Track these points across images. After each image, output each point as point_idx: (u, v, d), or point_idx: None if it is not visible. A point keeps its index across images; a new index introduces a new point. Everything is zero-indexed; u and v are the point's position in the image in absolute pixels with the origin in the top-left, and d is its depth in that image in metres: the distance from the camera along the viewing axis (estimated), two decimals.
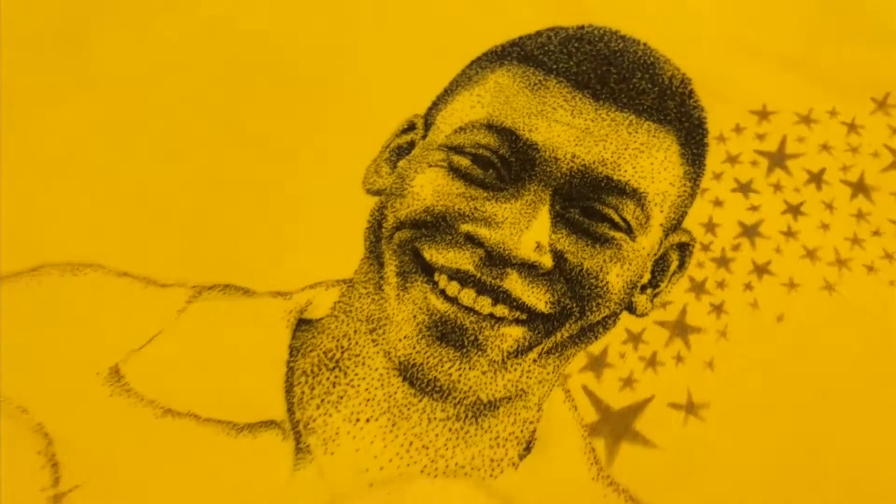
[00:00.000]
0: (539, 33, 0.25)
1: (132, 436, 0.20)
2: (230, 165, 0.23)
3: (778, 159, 0.24)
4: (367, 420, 0.21)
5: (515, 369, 0.21)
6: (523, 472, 0.20)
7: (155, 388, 0.21)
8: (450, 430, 0.21)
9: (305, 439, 0.21)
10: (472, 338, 0.22)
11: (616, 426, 0.20)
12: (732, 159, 0.24)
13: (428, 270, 0.22)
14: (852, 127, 0.24)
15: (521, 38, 0.25)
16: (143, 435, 0.20)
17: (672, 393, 0.21)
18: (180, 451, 0.20)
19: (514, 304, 0.21)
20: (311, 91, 0.24)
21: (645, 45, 0.24)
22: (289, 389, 0.21)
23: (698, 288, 0.22)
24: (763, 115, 0.24)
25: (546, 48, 0.25)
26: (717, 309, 0.22)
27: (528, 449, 0.21)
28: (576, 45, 0.24)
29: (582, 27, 0.25)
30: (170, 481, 0.20)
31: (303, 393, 0.21)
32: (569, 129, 0.23)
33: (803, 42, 0.25)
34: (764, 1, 0.26)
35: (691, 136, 0.24)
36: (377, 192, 0.24)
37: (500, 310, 0.21)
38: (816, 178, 0.24)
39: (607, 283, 0.22)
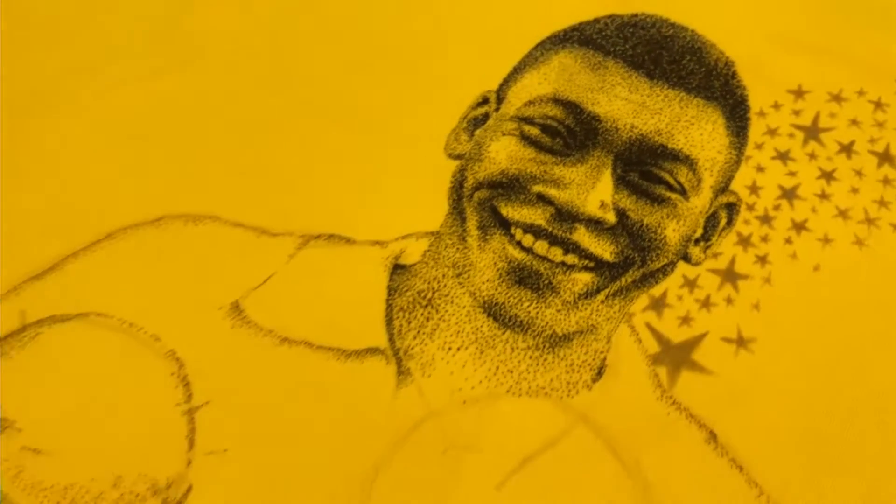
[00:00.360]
0: (597, 20, 0.28)
1: (254, 360, 0.23)
2: (334, 133, 0.26)
3: (812, 132, 0.27)
4: (458, 349, 0.24)
5: (586, 308, 0.24)
6: (596, 392, 0.23)
7: (272, 320, 0.24)
8: (531, 357, 0.24)
9: (406, 364, 0.24)
10: (547, 282, 0.25)
11: (676, 357, 0.23)
12: (772, 132, 0.27)
13: (505, 225, 0.25)
14: (878, 105, 0.27)
15: (580, 23, 0.28)
16: (263, 360, 0.23)
17: (724, 329, 0.24)
18: (296, 374, 0.23)
19: (583, 253, 0.24)
20: (403, 70, 0.27)
21: (693, 31, 0.27)
22: (388, 323, 0.24)
23: (745, 241, 0.25)
24: (798, 94, 0.28)
25: (604, 33, 0.28)
26: (762, 259, 0.25)
27: (599, 374, 0.24)
28: (630, 30, 0.28)
29: (636, 15, 0.28)
30: (287, 400, 0.23)
31: (401, 326, 0.24)
32: (627, 103, 0.26)
33: (834, 30, 0.28)
34: None
35: (735, 112, 0.27)
36: (457, 157, 0.27)
37: (571, 259, 0.24)
38: (847, 149, 0.27)
39: (665, 236, 0.25)
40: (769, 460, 0.22)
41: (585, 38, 0.28)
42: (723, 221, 0.26)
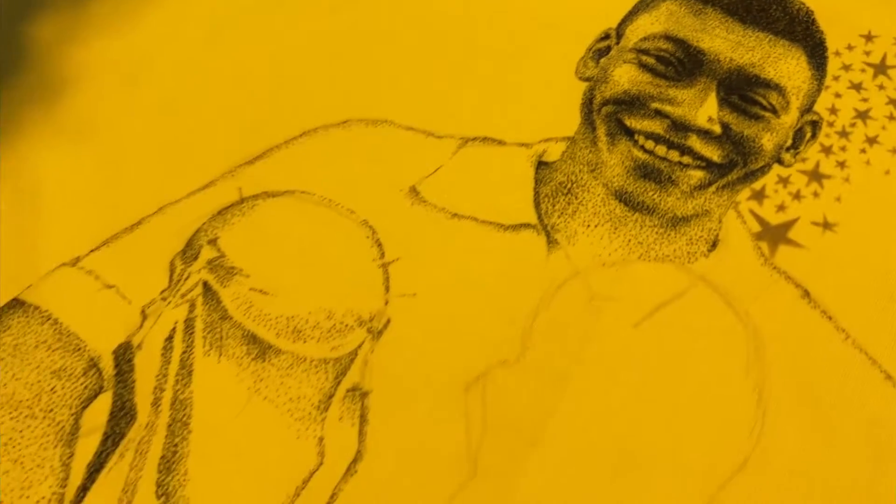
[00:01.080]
0: None
1: (430, 230, 0.29)
2: (488, 56, 0.32)
3: (881, 68, 0.32)
4: (596, 226, 0.29)
5: (700, 197, 0.30)
6: (711, 260, 0.28)
7: (443, 201, 0.30)
8: (656, 233, 0.29)
9: (553, 236, 0.29)
10: (667, 176, 0.30)
11: (774, 234, 0.29)
12: (846, 67, 0.33)
13: (629, 132, 0.31)
14: None
15: None
16: (438, 229, 0.29)
17: (812, 216, 0.29)
18: (465, 241, 0.28)
19: (696, 156, 0.30)
20: (542, 9, 0.33)
21: None
22: (536, 206, 0.30)
23: (826, 150, 0.31)
24: (868, 38, 0.33)
25: None
26: (841, 164, 0.30)
27: (713, 246, 0.29)
28: None
29: None
30: (458, 260, 0.28)
31: (547, 208, 0.30)
32: (725, 41, 0.32)
33: None
34: None
35: (815, 51, 0.33)
36: (587, 80, 0.33)
37: (686, 159, 0.30)
38: None
39: (761, 145, 0.31)
40: (853, 311, 0.27)
41: None
42: (808, 135, 0.32)
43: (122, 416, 0.26)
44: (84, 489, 0.24)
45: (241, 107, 0.31)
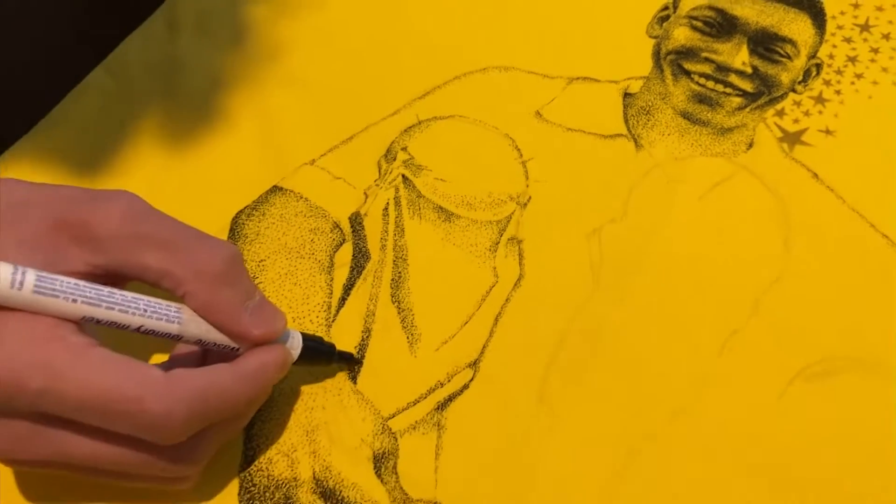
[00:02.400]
0: None
1: (552, 140, 0.41)
2: (585, 12, 0.45)
3: (865, 27, 0.44)
4: (669, 134, 0.41)
5: (739, 115, 0.42)
6: (749, 155, 0.40)
7: (560, 120, 0.42)
8: (711, 138, 0.41)
9: (640, 141, 0.41)
10: (716, 101, 0.42)
11: (792, 138, 0.41)
12: (840, 27, 0.45)
13: (687, 73, 0.43)
14: None
15: None
16: (557, 139, 0.41)
17: (818, 125, 0.41)
18: (578, 147, 0.41)
19: (735, 88, 0.42)
20: None
21: None
22: (626, 122, 0.42)
23: (827, 83, 0.43)
24: (856, 6, 0.45)
25: None
26: (838, 92, 0.42)
27: (750, 146, 0.41)
28: None
29: None
30: (574, 160, 0.41)
31: (633, 123, 0.42)
32: (752, 9, 0.44)
33: None
34: None
35: (817, 16, 0.45)
36: (655, 37, 0.45)
37: (728, 90, 0.42)
38: (886, 36, 0.44)
39: (781, 79, 0.43)
40: (848, 187, 0.39)
41: None
42: (813, 73, 0.44)
43: (360, 256, 0.38)
44: (342, 300, 0.37)
45: (413, 58, 0.44)
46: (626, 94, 0.42)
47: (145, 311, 0.28)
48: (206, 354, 0.31)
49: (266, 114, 0.41)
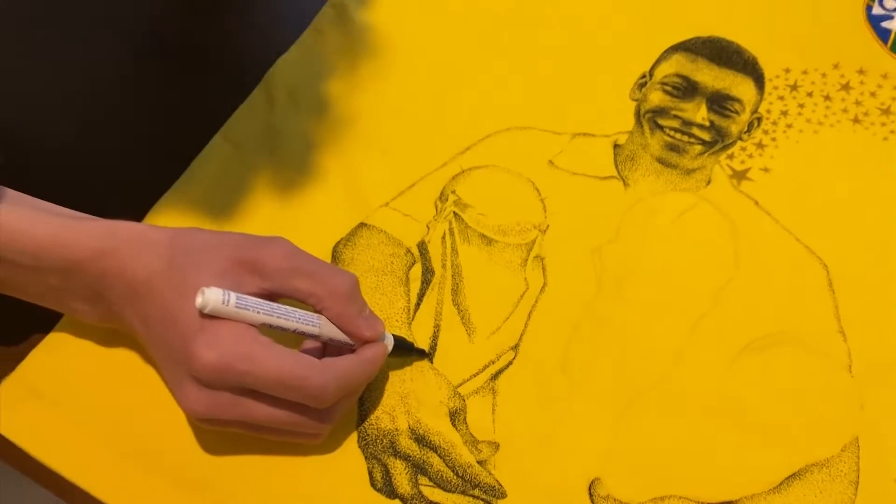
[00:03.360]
0: (694, 38, 0.61)
1: (562, 182, 0.55)
2: (581, 71, 0.59)
3: (794, 87, 0.59)
4: (648, 175, 0.54)
5: (700, 159, 0.55)
6: (708, 189, 0.54)
7: (567, 166, 0.56)
8: (680, 177, 0.55)
9: (626, 181, 0.56)
10: (682, 149, 0.56)
11: (739, 175, 0.55)
12: (775, 88, 0.60)
13: (661, 127, 0.57)
14: (824, 75, 0.60)
15: (685, 40, 0.61)
16: (566, 181, 0.55)
17: (759, 165, 0.55)
18: (581, 186, 0.55)
19: (697, 138, 0.57)
20: (602, 57, 0.60)
21: (737, 43, 0.60)
22: (616, 167, 0.56)
23: (766, 133, 0.58)
24: (787, 71, 0.60)
25: (696, 45, 0.61)
26: (774, 139, 0.57)
27: (708, 183, 0.55)
28: (708, 43, 0.61)
29: (711, 37, 0.61)
30: (579, 196, 0.55)
31: (621, 168, 0.56)
32: (709, 76, 0.58)
33: (793, 29, 0.61)
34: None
35: (758, 80, 0.58)
36: (636, 100, 0.59)
37: (692, 140, 0.57)
38: (810, 94, 0.59)
39: (731, 131, 0.57)
40: (780, 212, 0.54)
41: (687, 47, 0.61)
42: (755, 124, 0.58)
43: (428, 273, 0.52)
44: (417, 305, 0.51)
45: (457, 122, 0.58)
46: (616, 146, 0.56)
47: (298, 319, 0.42)
48: (325, 348, 0.45)
49: (349, 168, 0.55)
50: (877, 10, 0.62)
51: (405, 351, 0.46)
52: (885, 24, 0.61)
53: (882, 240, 0.51)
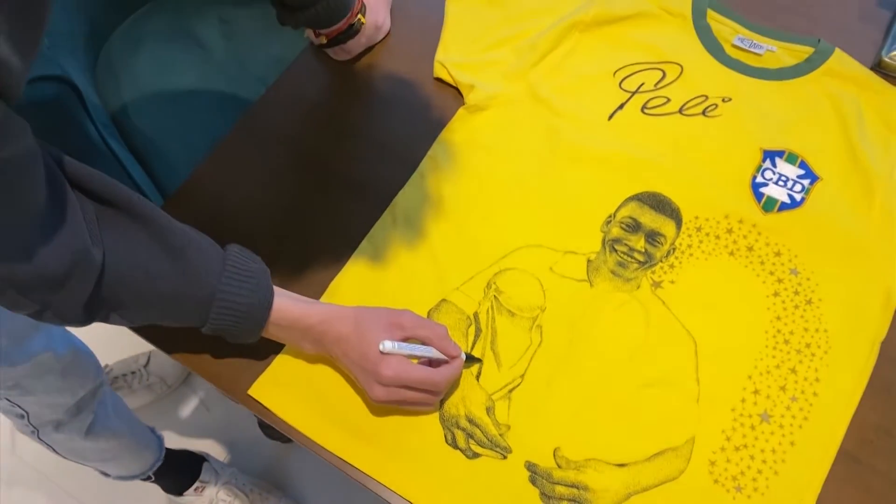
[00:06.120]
0: (643, 192, 1.03)
1: (558, 282, 0.99)
2: (566, 213, 1.02)
3: (700, 230, 1.02)
4: (604, 280, 0.98)
5: (635, 272, 0.98)
6: (639, 291, 0.97)
7: (561, 272, 1.00)
8: (622, 283, 0.97)
9: (591, 282, 0.99)
10: (626, 265, 0.99)
11: (656, 284, 0.98)
12: (687, 229, 1.02)
13: (616, 251, 1.00)
14: (727, 216, 1.02)
15: (636, 194, 1.03)
16: (560, 281, 0.99)
17: (669, 278, 0.98)
18: (567, 286, 0.99)
19: (636, 259, 0.99)
20: (578, 207, 1.03)
21: (668, 197, 1.03)
22: (588, 275, 1.00)
23: (676, 258, 1.00)
24: (699, 228, 1.02)
25: (644, 197, 1.03)
26: (680, 262, 0.99)
27: (639, 287, 0.99)
28: (651, 196, 1.03)
29: (653, 192, 1.03)
30: (567, 294, 0.98)
31: (589, 275, 0.99)
32: (649, 219, 1.01)
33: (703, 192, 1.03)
34: None
35: (678, 223, 1.01)
36: (603, 231, 1.02)
37: (633, 261, 1.00)
38: (707, 234, 1.01)
39: (657, 255, 0.99)
40: (681, 309, 0.96)
41: (639, 198, 1.03)
42: (672, 251, 1.00)
43: (478, 330, 0.96)
44: (472, 347, 0.95)
45: (495, 241, 1.01)
46: (588, 261, 0.98)
47: (423, 350, 0.87)
48: (431, 363, 0.90)
49: (437, 263, 0.99)
50: (759, 180, 1.03)
51: (470, 361, 0.91)
52: (761, 190, 1.00)
53: (729, 329, 0.94)
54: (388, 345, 0.76)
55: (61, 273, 0.53)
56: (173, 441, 1.41)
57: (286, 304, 0.80)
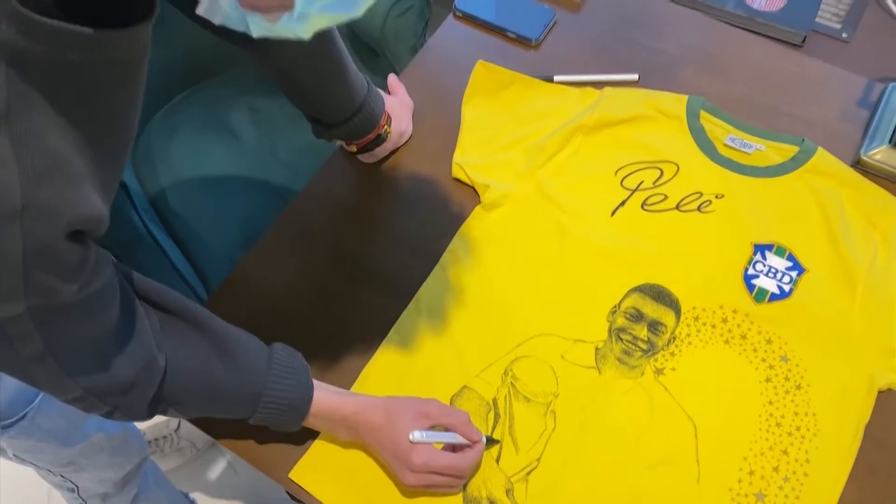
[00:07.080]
0: (644, 284, 1.14)
1: (570, 370, 1.08)
2: (573, 303, 1.12)
3: (697, 319, 1.12)
4: (611, 367, 1.08)
5: (640, 360, 1.06)
6: (643, 378, 1.07)
7: (574, 360, 1.09)
8: (627, 370, 1.06)
9: (600, 369, 1.08)
10: (631, 353, 1.08)
11: (658, 371, 1.07)
12: (685, 321, 1.12)
13: (621, 339, 1.10)
14: (722, 309, 1.12)
15: (638, 285, 1.13)
16: (571, 370, 1.08)
17: (670, 365, 1.07)
18: (576, 373, 1.08)
19: (640, 347, 1.09)
20: (574, 294, 1.13)
21: (668, 289, 1.13)
22: (596, 361, 1.09)
23: (677, 346, 1.10)
24: (694, 309, 1.13)
25: (645, 289, 1.13)
26: (680, 350, 1.09)
27: (643, 374, 1.08)
28: (651, 288, 1.13)
29: (653, 284, 1.13)
30: (574, 379, 1.08)
31: (597, 362, 1.09)
32: (651, 309, 1.11)
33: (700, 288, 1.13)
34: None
35: (678, 313, 1.11)
36: (608, 321, 1.12)
37: (636, 349, 1.09)
38: (705, 326, 1.11)
39: (658, 344, 1.08)
40: (680, 393, 1.06)
41: (641, 289, 1.12)
42: (672, 340, 1.09)
43: (496, 415, 1.05)
44: (492, 431, 1.05)
45: (511, 331, 1.11)
46: (596, 349, 1.08)
47: (448, 437, 0.96)
48: (454, 448, 1.00)
49: (459, 352, 1.09)
50: (751, 272, 1.11)
51: (490, 443, 1.01)
52: (753, 281, 1.08)
53: (726, 413, 1.02)
54: (417, 435, 0.86)
55: (132, 379, 0.61)
56: (203, 503, 1.50)
57: (324, 396, 0.90)
